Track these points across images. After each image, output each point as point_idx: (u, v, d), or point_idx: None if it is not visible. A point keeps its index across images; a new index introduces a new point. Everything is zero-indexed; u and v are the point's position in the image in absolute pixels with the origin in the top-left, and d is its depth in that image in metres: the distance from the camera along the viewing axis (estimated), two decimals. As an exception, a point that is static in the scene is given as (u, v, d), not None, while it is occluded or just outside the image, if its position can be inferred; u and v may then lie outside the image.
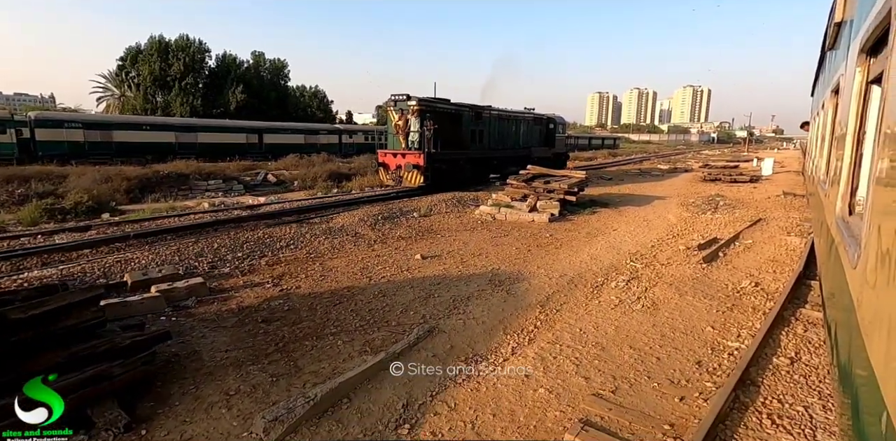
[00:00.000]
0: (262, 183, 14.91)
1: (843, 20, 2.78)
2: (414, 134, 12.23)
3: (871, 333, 1.16)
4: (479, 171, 14.36)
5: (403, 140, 12.35)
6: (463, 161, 13.72)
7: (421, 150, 12.10)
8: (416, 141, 12.21)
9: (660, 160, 33.36)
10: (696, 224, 9.16)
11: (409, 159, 12.09)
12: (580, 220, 9.60)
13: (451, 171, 12.99)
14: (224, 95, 33.25)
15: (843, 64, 2.65)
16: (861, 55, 1.97)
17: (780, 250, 6.75)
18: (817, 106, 6.48)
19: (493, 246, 7.06)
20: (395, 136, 12.60)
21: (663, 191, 15.14)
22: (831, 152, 3.36)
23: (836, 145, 2.90)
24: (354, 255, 6.33)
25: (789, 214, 9.92)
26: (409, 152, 12.20)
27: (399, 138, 12.42)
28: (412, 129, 12.24)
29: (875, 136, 1.46)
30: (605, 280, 5.39)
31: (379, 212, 9.15)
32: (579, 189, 10.82)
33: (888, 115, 1.23)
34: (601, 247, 7.18)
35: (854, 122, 2.19)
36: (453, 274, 5.48)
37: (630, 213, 10.54)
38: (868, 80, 2.02)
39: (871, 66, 1.95)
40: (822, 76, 5.80)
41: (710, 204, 11.82)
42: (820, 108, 5.50)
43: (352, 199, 10.63)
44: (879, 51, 1.74)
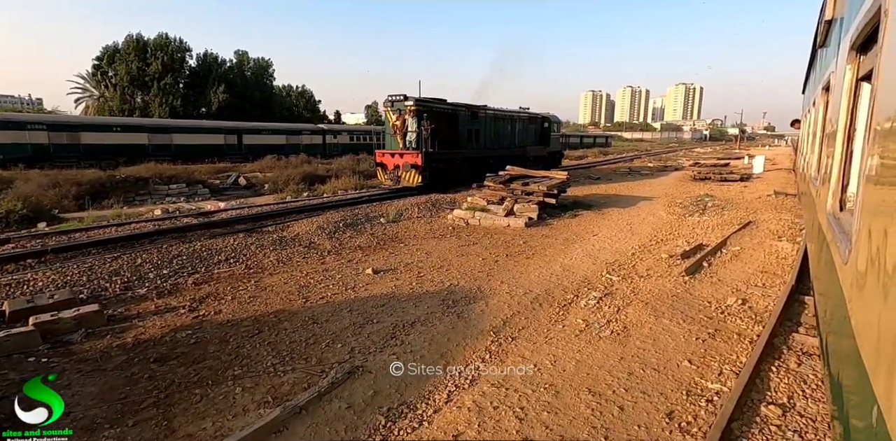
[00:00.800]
0: (232, 186, 14.19)
1: (833, 18, 2.77)
2: (411, 134, 12.20)
3: (862, 328, 1.16)
4: (476, 170, 14.32)
5: (401, 140, 12.34)
6: (460, 160, 13.70)
7: (418, 149, 12.06)
8: (414, 141, 12.18)
9: (650, 158, 32.92)
10: (681, 228, 8.59)
11: (406, 159, 12.06)
12: (559, 225, 9.00)
13: (449, 170, 12.91)
14: (206, 95, 32.33)
15: (834, 61, 2.65)
16: (851, 52, 1.95)
17: (770, 258, 6.18)
18: (808, 103, 6.47)
19: (458, 256, 6.43)
20: (392, 136, 12.61)
21: (651, 191, 14.59)
22: (822, 149, 3.35)
23: (827, 142, 2.89)
24: (300, 269, 5.68)
25: (780, 216, 9.38)
26: (407, 152, 12.16)
27: (397, 138, 12.43)
28: (410, 129, 12.21)
29: (865, 132, 1.47)
30: (575, 297, 4.78)
31: (343, 218, 8.49)
32: (560, 191, 10.22)
33: (878, 112, 1.23)
34: (577, 255, 6.57)
35: (844, 118, 2.19)
36: (404, 292, 4.85)
37: (613, 216, 9.96)
38: (858, 78, 2.01)
39: (861, 64, 1.94)
40: (812, 74, 5.78)
41: (697, 205, 11.28)
42: (811, 105, 5.49)
43: (319, 204, 9.96)
44: (869, 48, 1.74)
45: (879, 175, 1.13)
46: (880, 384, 0.92)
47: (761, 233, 7.83)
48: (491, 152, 15.41)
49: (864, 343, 1.12)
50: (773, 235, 7.61)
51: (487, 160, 15.03)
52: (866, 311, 1.14)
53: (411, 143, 12.27)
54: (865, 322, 1.14)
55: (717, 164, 20.80)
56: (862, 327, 1.18)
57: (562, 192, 10.66)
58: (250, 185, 14.17)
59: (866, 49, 1.83)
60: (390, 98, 12.55)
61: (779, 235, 7.58)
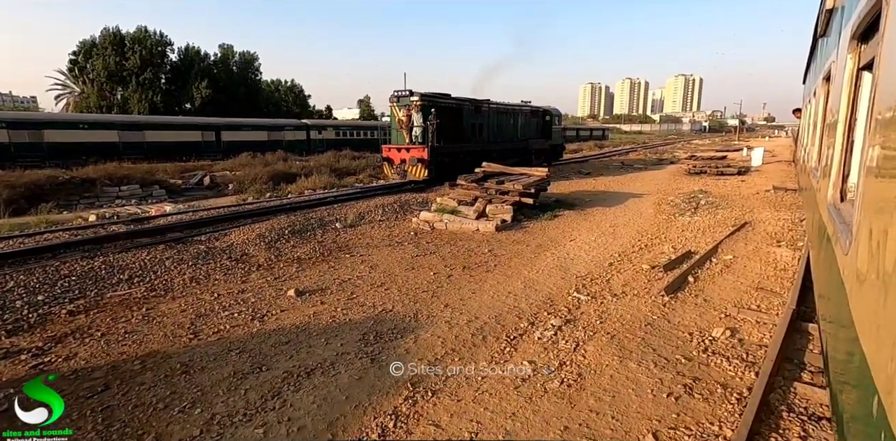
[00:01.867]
0: (195, 187, 13.29)
1: (834, 7, 2.75)
2: (417, 129, 12.33)
3: (862, 318, 1.19)
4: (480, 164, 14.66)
5: (407, 135, 12.44)
6: (464, 154, 13.70)
7: (424, 144, 12.18)
8: (420, 135, 12.31)
9: (647, 151, 31.95)
10: (670, 230, 7.72)
11: (413, 153, 12.16)
12: (535, 228, 8.13)
13: (454, 163, 12.96)
14: (188, 91, 31.27)
15: (835, 51, 2.65)
16: (852, 42, 1.95)
17: (767, 270, 5.31)
18: (809, 93, 6.34)
19: (407, 270, 5.57)
20: (398, 131, 12.73)
21: (642, 186, 13.71)
22: (823, 139, 3.30)
23: (828, 132, 2.85)
24: (211, 291, 4.82)
25: (779, 215, 8.51)
26: (413, 147, 12.27)
27: (403, 133, 12.53)
28: (415, 124, 12.34)
29: (866, 122, 1.49)
30: (530, 326, 3.93)
31: (293, 223, 7.62)
32: (538, 189, 9.33)
33: (879, 102, 1.24)
34: (546, 267, 5.72)
35: (845, 108, 2.18)
36: (321, 322, 3.99)
37: (597, 217, 9.09)
38: (859, 67, 2.00)
39: (863, 53, 1.93)
40: (813, 63, 5.70)
41: (690, 203, 10.39)
42: (812, 95, 5.39)
43: (276, 207, 9.09)
44: (870, 37, 1.74)
45: (881, 165, 1.12)
46: (881, 374, 0.92)
47: (758, 236, 6.96)
48: (494, 146, 15.47)
49: (865, 334, 1.11)
50: (771, 239, 6.75)
51: (491, 153, 14.97)
52: (867, 302, 1.14)
53: (417, 138, 12.34)
54: (866, 313, 1.13)
55: (713, 157, 19.88)
56: (862, 318, 1.17)
57: (541, 190, 9.78)
58: (214, 185, 13.28)
59: (867, 38, 1.80)
60: (396, 94, 12.67)
61: (777, 240, 6.72)
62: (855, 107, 2.11)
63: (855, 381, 1.21)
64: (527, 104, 18.15)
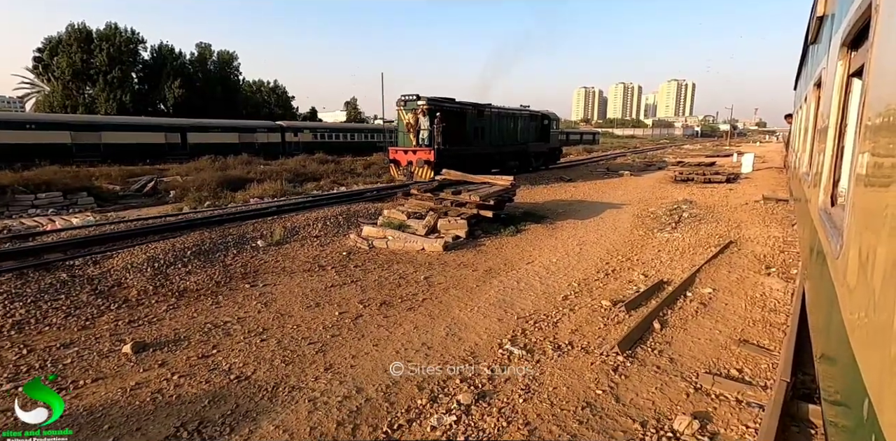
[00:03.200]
0: (137, 193, 12.08)
1: (824, 14, 2.78)
2: (424, 131, 12.74)
3: (853, 322, 1.19)
4: (482, 165, 14.89)
5: (414, 137, 12.89)
6: (468, 156, 14.07)
7: (431, 146, 12.59)
8: (427, 138, 12.73)
9: (636, 156, 31.11)
10: (644, 250, 6.68)
11: (419, 155, 12.54)
12: (491, 246, 7.06)
13: (458, 165, 13.24)
14: (160, 90, 29.95)
15: (825, 57, 2.70)
16: (842, 49, 1.98)
17: (753, 311, 4.26)
18: (800, 99, 6.32)
19: (308, 308, 4.45)
20: (405, 134, 13.21)
21: (624, 195, 12.71)
22: (814, 144, 3.35)
23: (819, 138, 2.88)
24: (23, 344, 3.65)
25: (769, 232, 7.50)
26: (420, 149, 12.68)
27: (409, 136, 12.99)
28: (422, 127, 12.74)
29: (856, 128, 1.53)
30: (428, 405, 2.83)
31: (201, 242, 6.48)
32: (500, 201, 8.25)
33: (869, 108, 1.26)
34: (486, 302, 4.64)
35: (836, 114, 2.22)
36: (134, 401, 2.86)
37: (566, 232, 8.04)
38: (849, 73, 2.03)
39: (853, 60, 1.96)
40: (804, 70, 5.71)
41: (672, 215, 9.38)
42: (803, 101, 5.38)
43: (198, 219, 7.95)
44: (860, 44, 1.79)
45: (870, 170, 1.14)
46: (872, 378, 0.93)
47: (744, 260, 5.93)
48: (496, 148, 15.86)
49: (856, 338, 1.12)
50: (759, 264, 5.72)
51: (493, 156, 15.65)
52: (857, 306, 1.15)
53: (424, 140, 12.77)
54: (856, 316, 1.15)
55: (701, 163, 18.98)
56: (853, 322, 1.18)
57: (505, 201, 8.71)
58: (155, 192, 12.07)
59: (857, 45, 1.84)
60: (403, 98, 13.11)
61: (767, 265, 5.69)
62: (845, 112, 2.13)
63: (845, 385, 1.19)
64: (526, 109, 18.32)
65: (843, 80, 2.09)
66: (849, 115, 2.09)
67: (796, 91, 8.21)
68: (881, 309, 0.89)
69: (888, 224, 0.90)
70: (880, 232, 0.95)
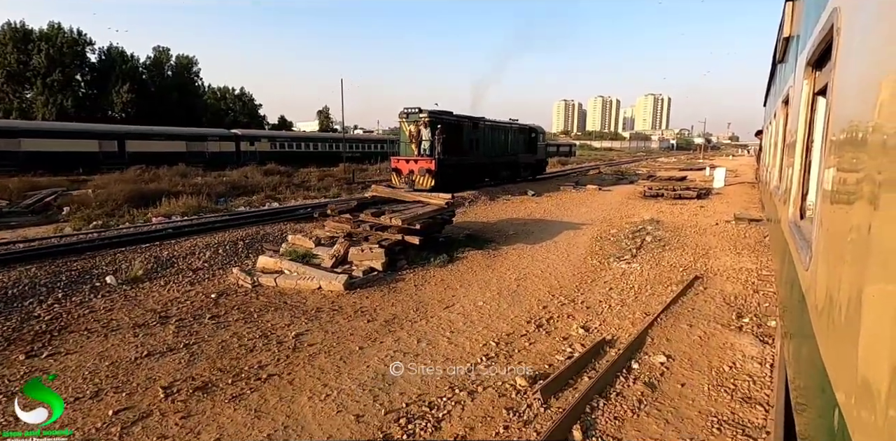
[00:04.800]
0: (26, 210, 10.36)
1: (790, 35, 2.89)
2: (426, 142, 13.59)
3: (823, 331, 1.19)
4: (477, 175, 15.96)
5: (416, 148, 13.76)
6: (465, 166, 14.94)
7: (432, 156, 13.35)
8: (428, 148, 13.57)
9: (611, 169, 30.49)
10: (593, 289, 5.45)
11: (421, 164, 13.29)
12: (410, 283, 5.74)
13: (455, 174, 14.14)
14: (108, 95, 27.96)
15: (792, 76, 2.82)
16: (808, 68, 2.06)
17: (720, 399, 3.00)
18: (770, 115, 6.46)
19: (77, 401, 3.00)
20: (407, 144, 14.07)
21: (587, 213, 11.61)
22: (783, 159, 3.39)
23: (788, 153, 2.97)
24: None
25: (741, 263, 6.40)
26: (422, 158, 13.46)
27: (412, 146, 13.87)
28: (424, 137, 13.59)
29: (822, 144, 1.62)
30: None
31: (19, 280, 4.95)
32: (428, 224, 6.92)
33: (833, 125, 1.29)
34: (356, 381, 3.30)
35: (803, 130, 2.29)
36: None
37: (509, 261, 6.79)
38: (814, 92, 2.10)
39: (817, 79, 2.03)
40: (773, 87, 5.93)
41: (634, 239, 8.26)
42: (772, 117, 5.53)
43: (65, 245, 6.42)
44: (824, 64, 1.84)
45: (836, 184, 1.17)
46: (841, 388, 0.93)
47: (710, 307, 4.73)
48: (489, 159, 16.72)
49: (825, 348, 1.13)
50: (728, 312, 4.53)
51: (487, 166, 16.60)
52: (827, 317, 1.15)
53: (426, 150, 13.61)
54: (826, 328, 1.15)
55: (672, 178, 18.21)
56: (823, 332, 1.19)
57: (440, 223, 7.42)
58: (46, 209, 10.37)
59: (821, 65, 1.92)
60: (405, 110, 14.03)
61: (738, 312, 4.51)
62: (811, 129, 2.18)
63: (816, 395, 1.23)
64: (515, 122, 19.43)
65: (808, 98, 2.15)
66: (815, 132, 2.14)
67: (766, 107, 8.35)
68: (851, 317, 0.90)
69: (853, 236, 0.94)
70: (847, 243, 0.98)
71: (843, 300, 0.96)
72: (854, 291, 0.88)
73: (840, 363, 0.94)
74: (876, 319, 0.76)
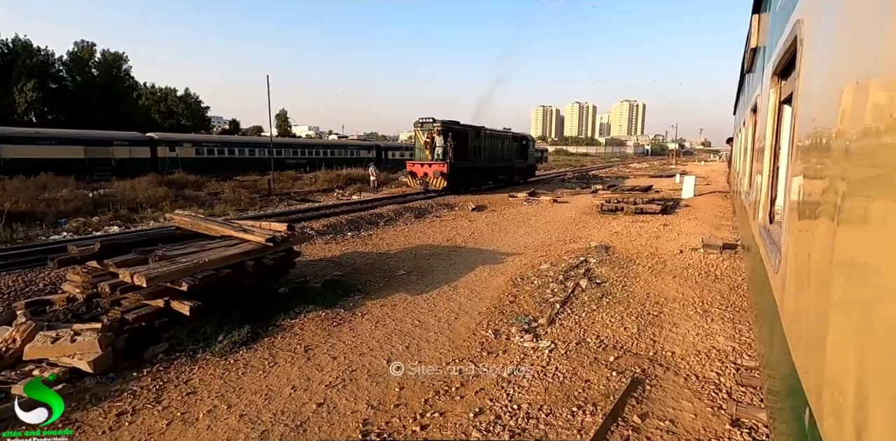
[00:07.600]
0: None
1: (757, 46, 2.97)
2: (439, 148, 15.53)
3: (793, 333, 1.22)
4: (481, 178, 18.05)
5: (430, 153, 15.59)
6: (471, 170, 16.92)
7: (444, 160, 15.29)
8: (441, 153, 15.50)
9: (577, 176, 28.47)
10: (453, 411, 2.93)
11: (435, 168, 15.30)
12: (125, 401, 3.09)
13: (464, 177, 16.22)
14: (10, 95, 24.38)
15: (760, 85, 2.94)
16: (774, 78, 2.16)
17: None
18: (739, 123, 6.55)
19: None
20: (422, 150, 15.95)
21: (523, 237, 9.22)
22: (753, 165, 3.53)
23: (757, 158, 3.07)
24: None
25: (710, 338, 4.01)
26: (435, 163, 15.37)
27: (426, 152, 15.68)
28: (437, 144, 15.54)
29: (788, 150, 1.70)
30: None
31: None
32: (213, 280, 4.27)
33: (798, 132, 1.34)
34: None
35: (770, 138, 2.37)
36: None
37: (354, 334, 4.30)
38: (780, 101, 2.21)
39: (783, 88, 2.12)
40: (742, 96, 5.97)
41: (566, 281, 5.86)
42: (742, 125, 5.68)
43: None
44: (789, 74, 1.93)
45: (802, 189, 1.20)
46: (811, 387, 0.94)
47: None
48: (489, 164, 18.73)
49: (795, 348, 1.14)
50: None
51: (487, 171, 18.66)
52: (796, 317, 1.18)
53: (439, 156, 15.49)
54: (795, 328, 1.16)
55: (636, 187, 16.22)
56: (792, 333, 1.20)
57: (265, 272, 4.83)
58: None
59: (786, 74, 2.01)
60: (420, 120, 16.00)
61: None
62: (778, 136, 2.28)
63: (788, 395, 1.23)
64: (509, 131, 21.86)
65: (775, 106, 2.27)
66: (781, 139, 2.24)
67: (735, 115, 8.48)
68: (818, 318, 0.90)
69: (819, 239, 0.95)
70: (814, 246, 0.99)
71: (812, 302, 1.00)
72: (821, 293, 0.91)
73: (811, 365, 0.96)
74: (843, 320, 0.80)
